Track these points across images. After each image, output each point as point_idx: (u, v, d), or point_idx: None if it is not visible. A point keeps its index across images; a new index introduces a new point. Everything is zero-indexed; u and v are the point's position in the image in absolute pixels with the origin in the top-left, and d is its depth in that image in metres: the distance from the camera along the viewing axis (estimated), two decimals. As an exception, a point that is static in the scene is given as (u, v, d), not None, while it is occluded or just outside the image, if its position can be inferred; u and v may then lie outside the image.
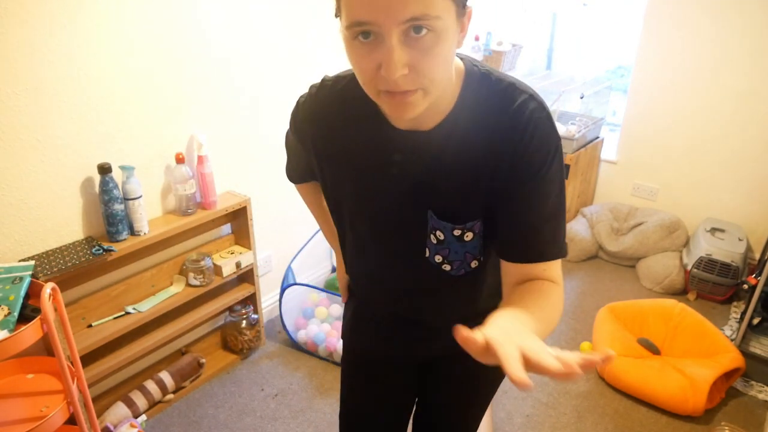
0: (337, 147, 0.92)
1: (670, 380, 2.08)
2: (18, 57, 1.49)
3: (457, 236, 0.88)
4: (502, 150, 0.79)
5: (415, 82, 0.69)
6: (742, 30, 2.68)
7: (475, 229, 0.88)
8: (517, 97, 0.79)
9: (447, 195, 0.85)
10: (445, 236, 0.88)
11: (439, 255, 0.91)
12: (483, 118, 0.79)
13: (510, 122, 0.78)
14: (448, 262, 0.92)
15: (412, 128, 0.82)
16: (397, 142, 0.84)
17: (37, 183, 1.62)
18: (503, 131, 0.78)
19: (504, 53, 3.20)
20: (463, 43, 0.74)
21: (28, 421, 1.35)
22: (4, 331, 1.26)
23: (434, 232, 0.89)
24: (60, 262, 1.61)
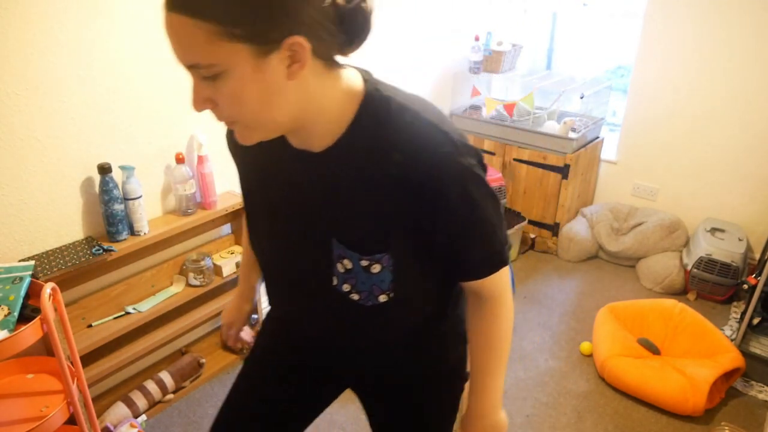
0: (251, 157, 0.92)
1: (670, 380, 2.08)
2: (18, 57, 1.49)
3: (365, 267, 0.84)
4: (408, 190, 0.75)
5: (223, 116, 0.71)
6: (743, 30, 2.68)
7: (383, 262, 0.83)
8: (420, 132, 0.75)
9: (349, 224, 0.82)
10: (353, 265, 0.84)
11: (347, 284, 0.86)
12: (382, 149, 0.75)
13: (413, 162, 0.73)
14: (356, 291, 0.87)
15: (303, 148, 0.80)
16: (293, 161, 0.82)
17: (37, 183, 1.62)
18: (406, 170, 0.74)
19: (504, 53, 3.20)
20: (298, 76, 0.69)
21: (28, 421, 1.35)
22: (4, 331, 1.26)
23: (341, 260, 0.84)
24: (60, 262, 1.61)
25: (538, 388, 2.22)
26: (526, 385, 2.23)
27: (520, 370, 2.30)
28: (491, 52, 3.21)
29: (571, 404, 2.14)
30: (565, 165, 2.94)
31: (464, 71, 3.30)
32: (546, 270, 3.06)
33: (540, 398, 2.16)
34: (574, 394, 2.19)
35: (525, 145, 3.07)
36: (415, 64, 2.97)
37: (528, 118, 3.09)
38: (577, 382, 2.25)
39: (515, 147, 3.10)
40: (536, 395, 2.18)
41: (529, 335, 2.52)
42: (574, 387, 2.23)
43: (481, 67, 3.26)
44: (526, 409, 2.11)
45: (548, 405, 2.13)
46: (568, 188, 3.01)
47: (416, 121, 0.76)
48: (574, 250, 3.09)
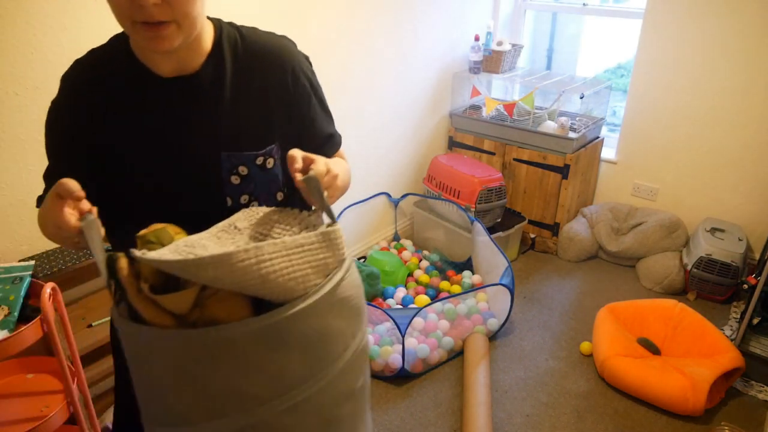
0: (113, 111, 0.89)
1: (670, 380, 2.08)
2: (18, 57, 1.49)
3: (260, 165, 0.92)
4: (275, 75, 0.92)
5: (167, 13, 0.76)
6: (742, 30, 2.68)
7: (274, 154, 0.94)
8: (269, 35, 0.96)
9: (237, 129, 0.91)
10: (249, 169, 0.92)
11: (245, 194, 0.93)
12: (248, 52, 0.92)
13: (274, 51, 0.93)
14: (254, 198, 0.94)
15: (177, 74, 0.87)
16: (166, 92, 0.87)
17: (37, 183, 1.61)
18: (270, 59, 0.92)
19: (504, 53, 3.20)
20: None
21: (28, 421, 1.35)
22: (4, 331, 1.26)
23: (236, 170, 0.91)
24: (60, 262, 1.61)
25: (538, 388, 2.22)
26: (526, 385, 2.23)
27: (520, 370, 2.30)
28: (491, 52, 3.21)
29: (571, 404, 2.14)
30: (565, 165, 2.94)
31: (464, 71, 3.30)
32: (546, 270, 3.06)
33: (540, 398, 2.16)
34: (574, 394, 2.19)
35: (525, 145, 3.07)
36: (415, 64, 2.96)
37: (528, 118, 3.09)
38: (577, 382, 2.25)
39: (515, 147, 3.10)
40: (536, 395, 2.18)
41: (529, 335, 2.52)
42: (574, 387, 2.23)
43: (481, 67, 3.26)
44: (526, 409, 2.11)
45: (548, 405, 2.13)
46: (568, 188, 3.01)
47: (262, 32, 0.96)
48: (574, 250, 3.09)
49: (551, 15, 3.77)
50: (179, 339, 0.68)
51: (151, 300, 0.69)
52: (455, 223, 2.98)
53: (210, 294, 0.69)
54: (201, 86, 0.88)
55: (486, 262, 2.74)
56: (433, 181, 3.08)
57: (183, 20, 0.78)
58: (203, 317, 0.69)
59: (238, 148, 0.91)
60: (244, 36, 0.93)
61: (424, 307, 2.36)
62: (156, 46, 0.78)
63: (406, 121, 3.06)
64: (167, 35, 0.78)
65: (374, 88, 2.76)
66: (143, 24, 0.76)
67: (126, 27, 0.79)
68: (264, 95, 0.93)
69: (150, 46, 0.79)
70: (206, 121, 0.89)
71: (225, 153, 0.90)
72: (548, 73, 3.36)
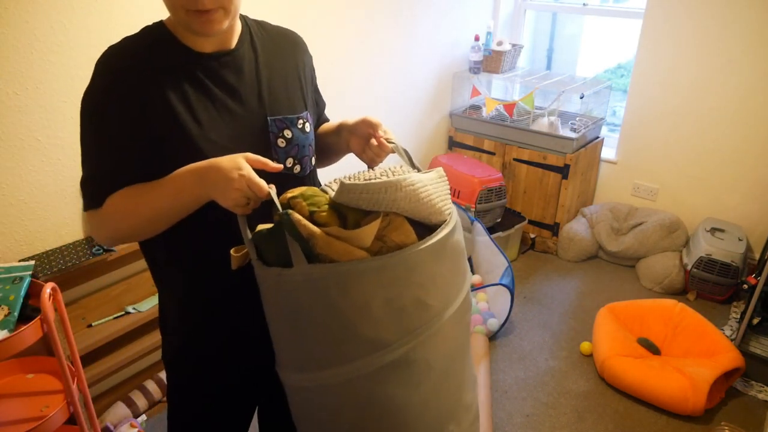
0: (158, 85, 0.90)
1: (670, 380, 2.08)
2: (18, 57, 1.49)
3: (301, 128, 1.03)
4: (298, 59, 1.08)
5: (215, 1, 0.86)
6: (743, 30, 2.68)
7: (309, 119, 1.06)
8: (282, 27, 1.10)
9: (278, 94, 1.01)
10: (292, 132, 1.01)
11: (290, 158, 1.01)
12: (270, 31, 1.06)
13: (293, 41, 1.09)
14: (298, 161, 1.03)
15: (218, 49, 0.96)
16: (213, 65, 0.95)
17: (37, 183, 1.62)
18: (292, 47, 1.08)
19: (504, 53, 3.20)
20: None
21: (28, 421, 1.35)
22: (4, 331, 1.26)
23: (281, 134, 1.00)
24: (60, 262, 1.61)
25: (538, 388, 2.22)
26: (526, 385, 2.23)
27: (520, 370, 2.30)
28: (491, 52, 3.21)
29: (571, 404, 2.14)
30: (565, 165, 2.94)
31: (464, 71, 3.30)
32: (546, 270, 3.06)
33: (540, 398, 2.16)
34: (574, 394, 2.19)
35: (525, 145, 3.07)
36: (415, 64, 2.96)
37: (528, 118, 3.10)
38: (577, 382, 2.25)
39: (515, 147, 3.10)
40: (536, 395, 2.18)
41: (529, 335, 2.52)
42: (574, 387, 2.23)
43: (481, 67, 3.26)
44: (526, 409, 2.11)
45: (548, 405, 2.13)
46: (568, 188, 3.01)
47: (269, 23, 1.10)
48: (574, 250, 3.09)
49: (551, 15, 3.77)
50: (379, 263, 0.79)
51: (342, 238, 0.78)
52: (455, 223, 2.98)
53: (386, 225, 0.82)
54: (242, 59, 0.99)
55: (486, 262, 2.74)
56: (433, 181, 3.08)
57: (228, 5, 0.88)
58: (386, 246, 0.81)
59: (280, 111, 1.01)
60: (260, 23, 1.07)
61: (424, 307, 2.36)
62: (208, 29, 0.89)
63: (406, 121, 3.05)
64: (216, 19, 0.88)
65: (374, 88, 2.76)
66: (195, 12, 0.86)
67: (179, 15, 0.88)
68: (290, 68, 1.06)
69: (202, 30, 0.89)
70: (251, 89, 0.99)
71: (271, 117, 0.99)
72: (548, 73, 3.36)
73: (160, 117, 0.90)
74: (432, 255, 0.86)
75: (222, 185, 0.83)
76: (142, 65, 0.91)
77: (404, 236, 0.82)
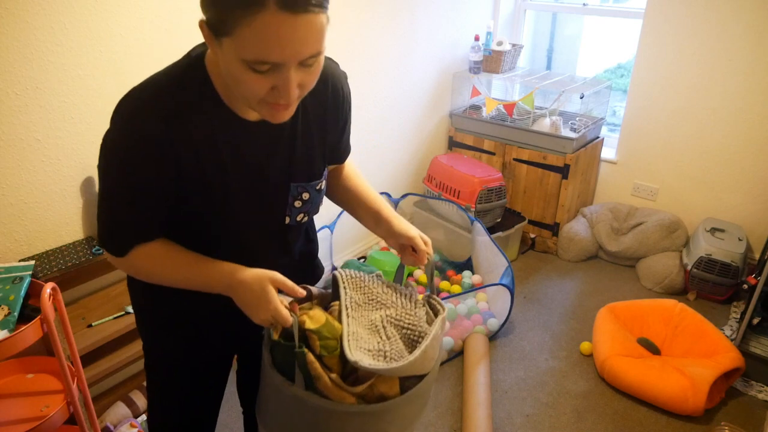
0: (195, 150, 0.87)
1: (670, 380, 2.08)
2: (18, 57, 1.49)
3: (318, 189, 1.05)
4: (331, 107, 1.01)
5: (295, 97, 0.81)
6: (743, 29, 2.68)
7: (325, 176, 1.06)
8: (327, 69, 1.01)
9: (306, 162, 1.00)
10: (309, 194, 1.03)
11: (301, 213, 1.05)
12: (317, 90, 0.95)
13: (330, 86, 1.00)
14: (307, 214, 1.06)
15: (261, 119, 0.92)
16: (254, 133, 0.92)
17: (37, 183, 1.62)
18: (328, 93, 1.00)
19: (504, 53, 3.20)
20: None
21: (28, 421, 1.35)
22: (4, 331, 1.26)
23: (299, 197, 1.02)
24: (60, 262, 1.61)
25: (538, 388, 2.22)
26: (526, 385, 2.23)
27: (520, 370, 2.30)
28: (491, 52, 3.21)
29: (571, 404, 2.14)
30: (565, 165, 2.94)
31: (464, 71, 3.30)
32: (546, 270, 3.06)
33: (540, 398, 2.16)
34: (574, 394, 2.19)
35: (525, 145, 3.07)
36: (415, 64, 2.96)
37: (528, 118, 3.10)
38: (577, 382, 2.25)
39: (515, 147, 3.10)
40: (536, 395, 2.18)
41: (529, 335, 2.52)
42: (574, 387, 2.23)
43: (481, 67, 3.26)
44: (526, 409, 2.11)
45: (548, 405, 2.13)
46: (568, 188, 3.01)
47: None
48: (574, 250, 3.09)
49: (551, 15, 3.78)
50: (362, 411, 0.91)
51: (341, 388, 0.91)
52: (455, 223, 2.98)
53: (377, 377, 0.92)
54: (282, 129, 0.95)
55: (486, 262, 2.74)
56: (433, 181, 3.08)
57: (304, 93, 0.84)
58: (372, 393, 0.92)
59: (305, 179, 1.01)
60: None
61: (424, 307, 2.36)
62: (279, 118, 0.84)
63: (406, 121, 3.06)
64: (291, 110, 0.84)
65: (374, 88, 2.76)
66: (273, 103, 0.81)
67: (250, 102, 0.82)
68: (323, 123, 1.01)
69: (273, 119, 0.84)
70: (282, 157, 0.97)
71: (294, 184, 1.00)
72: (548, 73, 3.36)
73: (191, 179, 0.89)
74: (408, 401, 0.95)
75: (250, 308, 0.90)
76: (182, 128, 0.85)
77: (389, 388, 0.93)
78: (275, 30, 0.71)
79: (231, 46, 0.74)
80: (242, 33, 0.72)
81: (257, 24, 0.71)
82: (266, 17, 0.70)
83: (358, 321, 0.99)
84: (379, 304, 1.03)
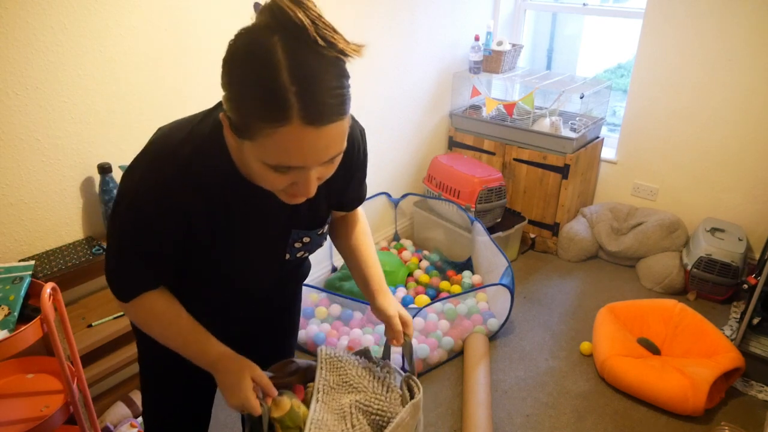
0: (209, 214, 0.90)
1: (670, 380, 2.08)
2: (18, 57, 1.49)
3: (320, 234, 1.07)
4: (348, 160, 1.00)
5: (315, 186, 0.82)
6: (743, 29, 2.68)
7: (329, 221, 1.08)
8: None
9: (311, 215, 1.02)
10: (311, 238, 1.05)
11: (302, 251, 1.07)
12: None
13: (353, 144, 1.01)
14: (308, 251, 1.09)
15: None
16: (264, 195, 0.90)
17: (37, 183, 1.62)
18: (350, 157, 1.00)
19: (504, 53, 3.20)
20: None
21: (28, 421, 1.36)
22: (4, 331, 1.26)
23: (300, 240, 1.04)
24: (60, 262, 1.61)
25: (538, 388, 2.22)
26: (526, 385, 2.23)
27: (520, 370, 2.30)
28: (491, 52, 3.21)
29: (571, 404, 2.14)
30: (565, 165, 2.94)
31: (464, 71, 3.30)
32: (546, 270, 3.06)
33: (540, 398, 2.16)
34: (574, 394, 2.19)
35: (525, 144, 3.07)
36: (415, 64, 2.96)
37: (528, 118, 3.10)
38: (577, 382, 2.25)
39: (515, 147, 3.10)
40: (536, 395, 2.18)
41: (529, 335, 2.52)
42: (574, 387, 2.23)
43: (481, 67, 3.26)
44: (526, 409, 2.11)
45: (548, 405, 2.13)
46: (568, 188, 3.01)
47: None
48: (574, 250, 3.09)
49: (551, 15, 3.78)
50: None
51: None
52: (455, 223, 2.98)
53: None
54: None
55: (486, 262, 2.74)
56: (433, 181, 3.08)
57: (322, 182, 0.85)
58: None
59: (307, 227, 1.03)
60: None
61: (424, 307, 2.36)
62: (296, 203, 0.86)
63: (406, 121, 3.06)
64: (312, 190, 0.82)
65: (374, 88, 2.76)
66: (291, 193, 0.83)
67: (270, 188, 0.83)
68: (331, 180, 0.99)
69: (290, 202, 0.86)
70: (289, 212, 0.99)
71: (295, 230, 1.02)
72: (548, 73, 3.36)
73: (201, 234, 0.91)
74: None
75: (225, 391, 0.94)
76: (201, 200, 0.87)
77: None
78: (298, 142, 0.72)
79: (252, 148, 0.75)
80: (264, 142, 0.72)
81: (279, 136, 0.71)
82: (290, 130, 0.70)
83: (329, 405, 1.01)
84: (351, 388, 1.05)
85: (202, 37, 1.92)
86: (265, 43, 0.70)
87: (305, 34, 0.70)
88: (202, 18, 1.90)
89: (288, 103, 0.68)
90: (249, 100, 0.71)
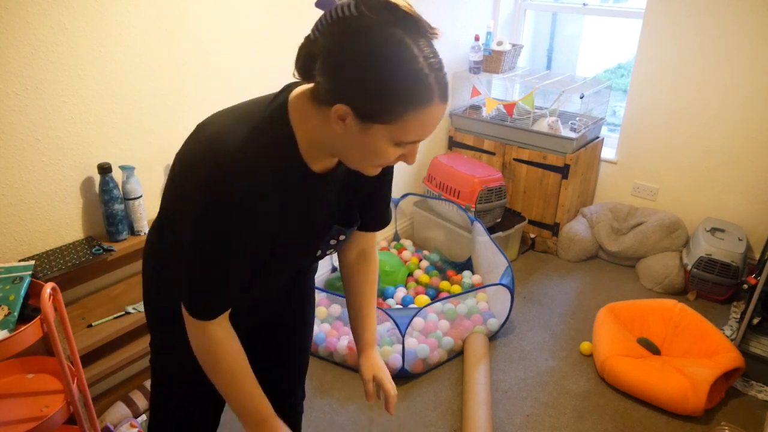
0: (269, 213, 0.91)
1: (670, 380, 2.08)
2: (18, 57, 1.49)
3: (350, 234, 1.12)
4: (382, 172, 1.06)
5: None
6: (743, 29, 2.68)
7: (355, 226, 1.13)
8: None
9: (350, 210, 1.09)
10: (346, 236, 1.11)
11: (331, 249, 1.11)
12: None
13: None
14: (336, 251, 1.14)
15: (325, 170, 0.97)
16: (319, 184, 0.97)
17: (37, 183, 1.62)
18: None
19: (504, 53, 3.20)
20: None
21: (28, 421, 1.35)
22: (4, 331, 1.26)
23: (337, 237, 1.08)
24: (60, 262, 1.61)
25: (538, 388, 2.22)
26: (526, 385, 2.23)
27: (520, 370, 2.31)
28: (491, 52, 3.21)
29: (571, 404, 2.14)
30: (565, 165, 2.94)
31: (464, 71, 3.30)
32: (546, 270, 3.06)
33: (540, 398, 2.16)
34: (574, 394, 2.19)
35: (525, 144, 3.07)
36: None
37: (528, 118, 3.10)
38: (577, 382, 2.26)
39: (515, 147, 3.10)
40: (536, 395, 2.18)
41: (529, 335, 2.52)
42: (574, 387, 2.23)
43: (481, 67, 3.26)
44: (526, 409, 2.11)
45: (548, 405, 2.13)
46: (568, 188, 3.01)
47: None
48: (574, 250, 3.09)
49: (551, 15, 3.78)
50: None
51: None
52: (455, 223, 2.98)
53: None
54: (337, 179, 1.02)
55: (486, 262, 2.74)
56: (433, 181, 3.08)
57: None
58: None
59: (347, 224, 1.09)
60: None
61: (424, 307, 2.36)
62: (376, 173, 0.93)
63: (406, 121, 3.05)
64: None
65: (374, 88, 2.76)
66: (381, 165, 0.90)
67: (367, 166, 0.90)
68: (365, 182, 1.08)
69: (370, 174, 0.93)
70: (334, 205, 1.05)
71: (337, 226, 1.07)
72: (548, 73, 3.36)
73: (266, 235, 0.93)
74: None
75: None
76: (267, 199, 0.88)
77: None
78: (435, 117, 0.82)
79: (384, 131, 0.81)
80: (407, 121, 0.80)
81: (423, 115, 0.80)
82: (432, 109, 0.81)
83: None
84: None
85: (201, 37, 1.92)
86: (396, 38, 0.78)
87: (420, 25, 0.80)
88: (202, 18, 1.90)
89: (431, 88, 0.79)
90: (396, 89, 0.78)
